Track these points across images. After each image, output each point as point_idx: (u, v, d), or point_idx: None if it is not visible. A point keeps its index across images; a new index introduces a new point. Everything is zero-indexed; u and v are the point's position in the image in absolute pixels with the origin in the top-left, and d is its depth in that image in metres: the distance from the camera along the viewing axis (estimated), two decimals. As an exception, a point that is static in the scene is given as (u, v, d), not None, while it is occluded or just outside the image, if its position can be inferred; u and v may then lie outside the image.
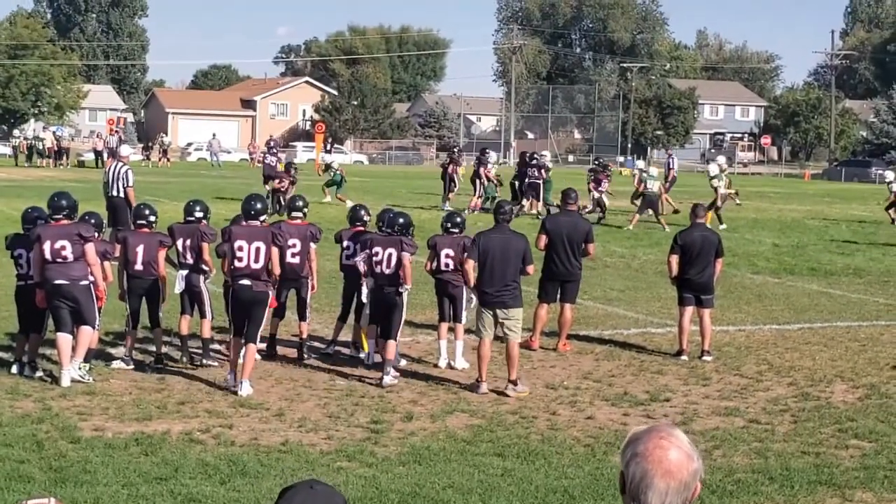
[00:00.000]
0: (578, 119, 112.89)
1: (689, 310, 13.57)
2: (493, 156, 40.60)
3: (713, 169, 31.75)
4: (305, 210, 13.04)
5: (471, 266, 11.65)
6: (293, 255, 12.56)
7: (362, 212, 13.30)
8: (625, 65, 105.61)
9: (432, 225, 20.86)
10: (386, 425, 10.05)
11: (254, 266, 11.20)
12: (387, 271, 11.82)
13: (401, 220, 12.18)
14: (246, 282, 11.24)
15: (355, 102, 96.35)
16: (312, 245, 12.77)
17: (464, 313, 12.72)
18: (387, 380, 11.58)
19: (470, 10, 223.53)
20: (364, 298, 12.45)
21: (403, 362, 12.44)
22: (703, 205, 15.20)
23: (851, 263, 23.51)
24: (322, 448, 9.34)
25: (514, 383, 11.38)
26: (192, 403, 10.67)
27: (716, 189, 30.72)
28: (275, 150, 38.08)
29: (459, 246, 12.38)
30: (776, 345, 14.44)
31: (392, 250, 11.83)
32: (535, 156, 34.29)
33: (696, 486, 3.13)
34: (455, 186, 36.07)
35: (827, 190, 50.03)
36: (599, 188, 32.20)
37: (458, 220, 12.98)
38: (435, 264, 12.58)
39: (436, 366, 12.56)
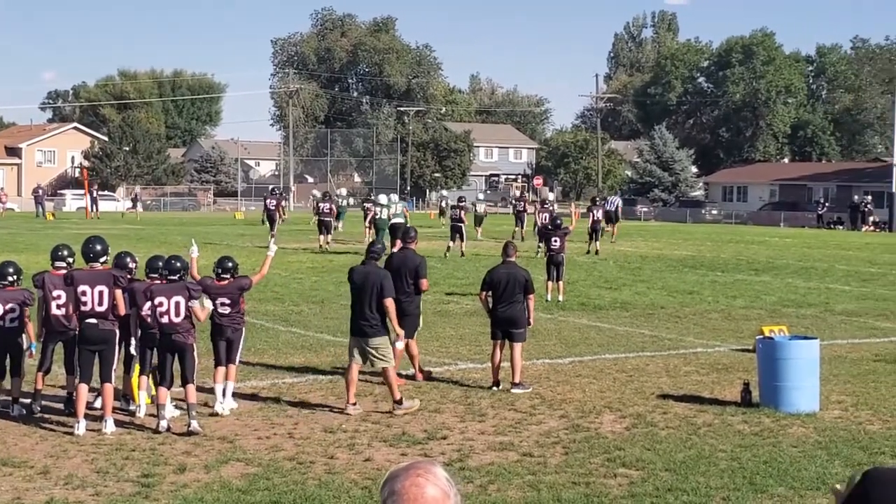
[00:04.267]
0: (358, 162, 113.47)
1: (500, 344, 14.22)
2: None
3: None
4: (70, 259, 12.58)
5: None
6: (58, 306, 12.10)
7: (128, 259, 12.94)
8: (401, 109, 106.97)
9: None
10: (157, 478, 9.77)
11: (98, 308, 11.43)
12: (175, 320, 11.64)
13: (178, 264, 11.96)
14: (92, 321, 11.45)
15: (127, 148, 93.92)
16: None
17: (238, 355, 12.95)
18: (194, 425, 11.40)
19: (245, 54, 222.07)
20: (133, 350, 12.17)
21: (177, 412, 12.14)
22: (514, 243, 15.60)
23: (618, 298, 24.43)
24: (90, 505, 9.01)
25: (399, 402, 12.39)
26: (-51, 466, 10.11)
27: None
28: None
29: (237, 290, 12.66)
30: (549, 378, 14.83)
31: (179, 297, 11.63)
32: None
33: None
34: (278, 222, 39.75)
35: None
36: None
37: (230, 265, 12.97)
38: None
39: (213, 414, 12.30)
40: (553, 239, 23.90)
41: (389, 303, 12.72)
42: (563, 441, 11.37)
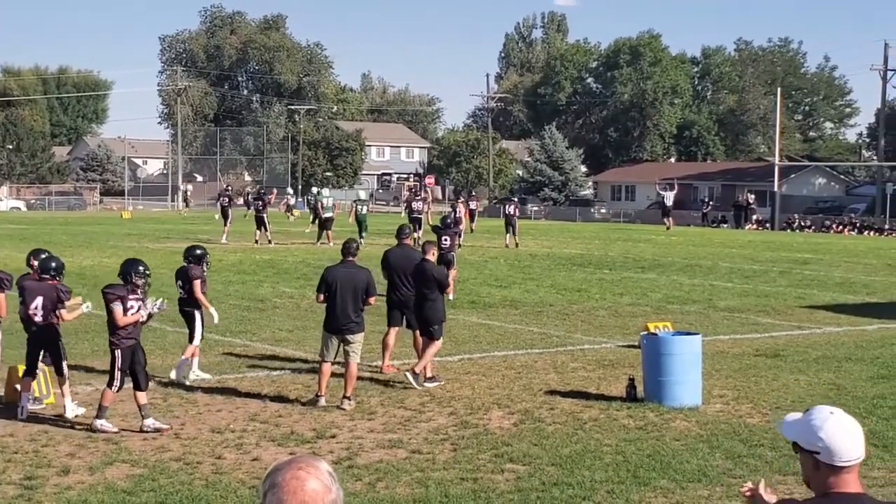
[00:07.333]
0: (248, 161, 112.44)
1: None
2: None
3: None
4: None
5: (320, 299, 13.31)
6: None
7: None
8: (292, 107, 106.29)
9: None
10: (41, 481, 9.61)
11: None
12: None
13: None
14: None
15: (10, 146, 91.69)
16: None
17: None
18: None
19: (132, 51, 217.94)
20: None
21: (81, 410, 12.08)
22: (432, 242, 15.69)
23: (508, 296, 24.65)
24: (-31, 510, 8.82)
25: (348, 398, 12.80)
26: None
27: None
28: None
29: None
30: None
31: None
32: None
33: None
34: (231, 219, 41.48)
35: (487, 226, 52.24)
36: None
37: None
38: None
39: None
40: (443, 237, 23.97)
41: (374, 300, 13.45)
42: (451, 438, 11.46)
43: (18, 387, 12.25)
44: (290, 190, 58.22)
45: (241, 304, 22.56)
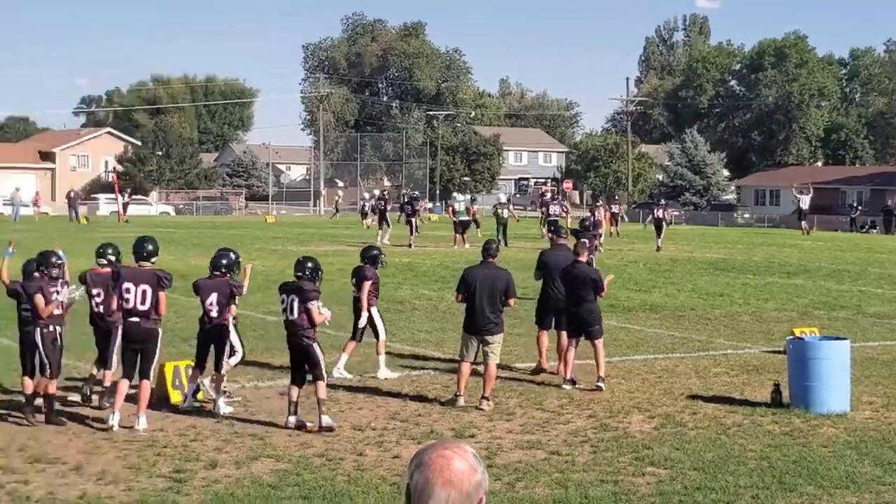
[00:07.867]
0: (387, 166, 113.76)
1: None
2: None
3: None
4: (112, 258, 12.83)
5: (458, 299, 13.45)
6: (97, 304, 12.50)
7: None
8: (431, 113, 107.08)
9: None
10: (189, 474, 9.88)
11: (140, 307, 11.58)
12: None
13: (224, 261, 12.69)
14: (134, 319, 11.59)
15: (160, 153, 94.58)
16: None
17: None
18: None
19: (276, 60, 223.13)
20: None
21: (229, 409, 12.50)
22: (584, 244, 15.80)
23: (648, 299, 24.37)
24: (121, 500, 9.13)
25: (487, 399, 12.81)
26: (-16, 461, 10.25)
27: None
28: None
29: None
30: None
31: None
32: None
33: (479, 497, 3.16)
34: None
35: (626, 231, 51.78)
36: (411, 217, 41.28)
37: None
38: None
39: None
40: (582, 240, 23.85)
41: (514, 302, 13.49)
42: (591, 440, 11.39)
43: (180, 382, 12.80)
44: (415, 193, 59.48)
45: (380, 305, 22.75)
